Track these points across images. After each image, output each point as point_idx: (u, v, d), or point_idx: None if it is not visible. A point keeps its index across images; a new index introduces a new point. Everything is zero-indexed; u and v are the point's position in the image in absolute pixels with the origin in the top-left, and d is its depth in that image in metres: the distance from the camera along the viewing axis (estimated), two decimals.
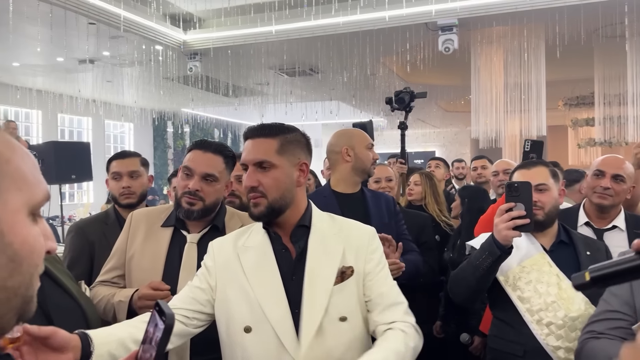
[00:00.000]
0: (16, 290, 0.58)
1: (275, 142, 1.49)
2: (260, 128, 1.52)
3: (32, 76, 10.70)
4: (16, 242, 0.58)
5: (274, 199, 1.47)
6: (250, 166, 1.48)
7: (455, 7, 7.31)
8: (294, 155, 1.51)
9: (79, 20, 7.15)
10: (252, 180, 1.47)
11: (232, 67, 9.43)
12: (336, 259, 1.48)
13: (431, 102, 13.53)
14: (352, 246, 1.52)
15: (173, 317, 0.81)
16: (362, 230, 1.57)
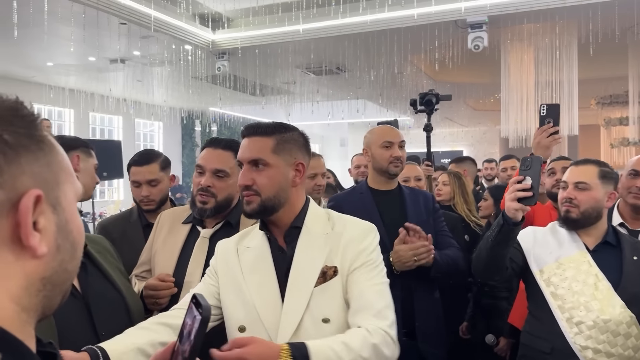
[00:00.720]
0: (71, 274, 0.65)
1: (271, 141, 1.47)
2: (256, 126, 1.51)
3: (65, 75, 10.94)
4: (74, 229, 0.64)
5: (267, 198, 1.45)
6: (245, 164, 1.47)
7: (485, 4, 7.21)
8: (290, 155, 1.49)
9: (110, 21, 7.29)
10: (246, 178, 1.46)
11: (259, 66, 9.48)
12: (320, 260, 1.45)
13: (459, 100, 13.37)
14: (341, 245, 1.48)
15: (209, 309, 0.81)
16: (357, 228, 1.52)
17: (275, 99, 13.07)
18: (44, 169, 0.60)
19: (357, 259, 1.46)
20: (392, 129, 2.53)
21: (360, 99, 12.60)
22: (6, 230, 0.57)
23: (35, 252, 0.58)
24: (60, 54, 9.32)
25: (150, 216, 2.39)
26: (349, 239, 1.48)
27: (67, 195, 0.63)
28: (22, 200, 0.57)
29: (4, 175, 0.56)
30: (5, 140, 0.57)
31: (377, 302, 1.41)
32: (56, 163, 0.62)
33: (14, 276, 0.58)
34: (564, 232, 2.05)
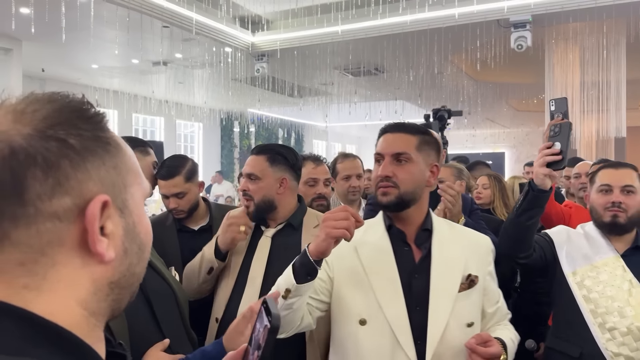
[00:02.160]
0: (139, 276, 0.65)
1: (415, 139, 1.54)
2: (401, 124, 1.58)
3: (109, 77, 11.23)
4: (142, 232, 0.64)
5: (405, 192, 1.50)
6: (387, 157, 1.52)
7: (529, 3, 7.03)
8: (429, 156, 1.56)
9: (153, 24, 7.44)
10: (387, 170, 1.50)
11: (297, 67, 9.52)
12: (460, 266, 1.52)
13: (501, 100, 13.10)
14: (474, 256, 1.56)
15: (279, 318, 0.80)
16: (481, 242, 1.62)
17: (313, 100, 13.10)
18: (111, 172, 0.59)
19: (488, 273, 1.59)
20: None
21: (399, 99, 12.49)
22: (74, 236, 0.56)
23: (102, 258, 0.57)
24: (104, 57, 9.58)
25: (184, 221, 2.44)
26: (478, 251, 1.59)
27: (134, 197, 0.63)
28: (88, 207, 0.56)
29: (70, 181, 0.55)
30: (70, 145, 0.56)
31: (506, 308, 1.65)
32: (123, 165, 0.61)
33: (82, 282, 0.58)
34: (597, 235, 2.01)
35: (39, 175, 0.54)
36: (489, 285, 1.57)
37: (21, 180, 0.53)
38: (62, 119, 0.57)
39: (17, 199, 0.53)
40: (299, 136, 18.70)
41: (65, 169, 0.55)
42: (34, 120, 0.56)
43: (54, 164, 0.54)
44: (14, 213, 0.54)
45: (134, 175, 0.63)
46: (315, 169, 2.49)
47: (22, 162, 0.53)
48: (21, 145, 0.54)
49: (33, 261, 0.55)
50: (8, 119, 0.56)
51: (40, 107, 0.57)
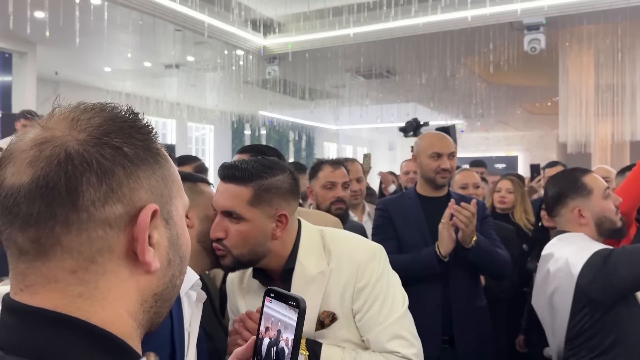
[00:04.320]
0: (178, 289, 0.65)
1: (248, 191, 1.30)
2: (232, 169, 1.32)
3: (121, 80, 11.32)
4: (184, 244, 0.65)
5: (240, 254, 1.32)
6: (218, 214, 1.32)
7: (543, 5, 6.97)
8: (271, 206, 1.32)
9: (166, 28, 7.48)
10: (218, 230, 1.31)
11: (309, 70, 9.52)
12: (315, 305, 1.34)
13: (515, 103, 13.01)
14: (340, 285, 1.35)
15: (304, 299, 0.80)
16: (353, 263, 1.36)
17: (324, 103, 13.10)
18: (160, 183, 0.60)
19: (359, 299, 1.34)
20: (443, 138, 2.45)
21: (411, 102, 12.45)
22: (122, 245, 0.56)
23: (149, 268, 0.58)
24: (117, 60, 9.65)
25: None
26: (345, 279, 1.35)
27: (177, 208, 0.63)
28: (140, 215, 0.56)
29: (123, 188, 0.56)
30: (125, 153, 0.56)
31: (398, 345, 1.33)
32: (170, 176, 0.62)
33: (131, 292, 0.58)
34: None
35: (93, 181, 0.54)
36: (360, 311, 1.35)
37: (76, 185, 0.53)
38: (115, 128, 0.57)
39: (71, 203, 0.53)
40: (309, 139, 18.71)
41: (119, 176, 0.55)
42: (89, 127, 0.56)
43: (108, 171, 0.55)
44: (67, 218, 0.53)
45: (178, 188, 0.64)
46: (333, 172, 2.49)
47: (77, 166, 0.54)
48: (77, 150, 0.54)
49: (84, 269, 0.55)
50: (63, 124, 0.56)
51: (94, 115, 0.58)
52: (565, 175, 1.93)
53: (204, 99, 12.87)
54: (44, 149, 0.54)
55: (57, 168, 0.53)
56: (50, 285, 0.55)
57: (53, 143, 0.54)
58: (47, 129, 0.56)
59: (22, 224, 0.54)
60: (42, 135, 0.55)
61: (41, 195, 0.53)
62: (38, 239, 0.54)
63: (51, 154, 0.54)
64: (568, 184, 1.88)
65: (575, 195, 1.85)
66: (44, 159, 0.54)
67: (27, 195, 0.53)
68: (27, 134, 0.57)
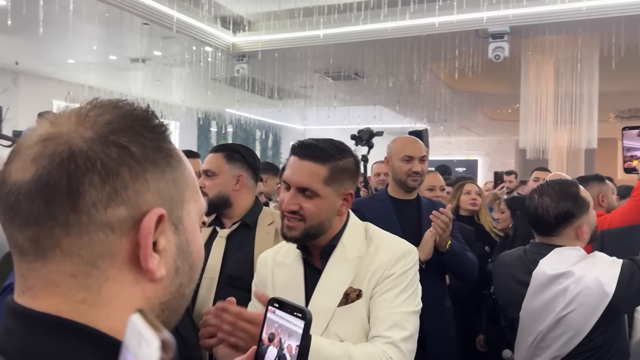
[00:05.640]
0: (188, 298, 0.62)
1: (325, 170, 1.38)
2: (311, 148, 1.40)
3: (85, 73, 11.04)
4: (195, 251, 0.61)
5: (312, 226, 1.40)
6: (292, 188, 1.40)
7: (508, 14, 7.17)
8: (342, 185, 1.42)
9: (133, 21, 7.35)
10: (292, 204, 1.39)
11: (278, 69, 9.52)
12: (346, 281, 1.40)
13: (477, 109, 13.31)
14: (371, 269, 1.42)
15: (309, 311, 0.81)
16: (389, 253, 1.44)
17: (292, 103, 13.10)
18: (170, 186, 0.57)
19: (382, 283, 1.40)
20: (415, 142, 2.51)
21: (377, 105, 12.58)
22: (125, 250, 0.53)
23: (153, 276, 0.55)
24: (81, 52, 9.42)
25: None
26: (378, 264, 1.42)
27: (190, 213, 0.60)
28: (144, 220, 0.53)
29: (128, 190, 0.53)
30: (131, 153, 0.54)
31: (395, 332, 1.35)
32: (183, 179, 0.59)
33: (136, 299, 0.55)
34: None
35: (96, 182, 0.51)
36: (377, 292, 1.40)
37: (77, 186, 0.51)
38: (125, 126, 0.55)
39: (72, 204, 0.51)
40: (276, 138, 18.65)
41: (124, 177, 0.52)
42: (97, 125, 0.54)
43: (113, 171, 0.52)
44: (67, 219, 0.51)
45: (192, 192, 0.61)
46: None
47: (80, 166, 0.51)
48: (81, 148, 0.52)
49: (85, 274, 0.53)
50: (71, 120, 0.55)
51: (105, 111, 0.56)
52: (565, 192, 1.87)
53: (169, 94, 12.68)
54: (48, 146, 0.52)
55: (59, 166, 0.51)
56: (51, 289, 0.52)
57: (58, 140, 0.52)
58: (55, 124, 0.54)
59: (21, 223, 0.52)
60: (48, 131, 0.53)
61: (41, 194, 0.51)
62: (37, 239, 0.52)
63: (54, 151, 0.52)
64: (572, 202, 1.85)
65: (580, 213, 1.84)
66: (47, 156, 0.52)
67: (28, 193, 0.51)
68: (36, 129, 0.55)
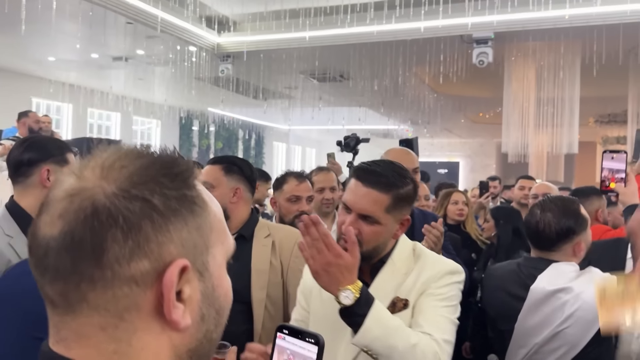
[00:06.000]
0: (215, 342, 0.61)
1: (387, 199, 1.42)
2: (375, 175, 1.43)
3: (65, 71, 10.88)
4: (221, 295, 0.61)
5: (367, 250, 1.42)
6: (353, 213, 1.43)
7: (492, 20, 7.25)
8: (401, 212, 1.46)
9: (117, 20, 7.26)
10: (351, 228, 1.39)
11: (263, 70, 9.49)
12: (391, 292, 1.45)
13: (460, 113, 13.46)
14: (419, 281, 1.45)
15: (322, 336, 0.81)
16: (436, 268, 1.48)
17: (277, 103, 13.08)
18: (193, 234, 0.56)
19: (427, 292, 1.44)
20: (408, 153, 2.52)
21: (362, 106, 12.64)
22: (151, 301, 0.54)
23: (177, 326, 0.55)
24: (63, 50, 9.28)
25: None
26: (426, 277, 1.45)
27: (216, 258, 0.59)
28: (166, 273, 0.53)
29: (151, 243, 0.53)
30: (154, 206, 0.54)
31: (437, 332, 1.36)
32: (207, 224, 0.58)
33: (164, 349, 0.55)
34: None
35: (119, 237, 0.52)
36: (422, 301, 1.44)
37: (101, 242, 0.52)
38: (148, 177, 0.55)
39: (96, 260, 0.52)
40: (259, 137, 18.59)
41: (147, 230, 0.53)
42: (120, 178, 0.54)
43: (135, 226, 0.52)
44: (92, 275, 0.52)
45: (218, 234, 0.60)
46: (298, 186, 2.50)
47: (103, 222, 0.52)
48: (104, 204, 0.52)
49: (113, 326, 0.53)
50: (96, 174, 0.55)
51: (129, 163, 0.56)
52: (567, 209, 1.91)
53: (152, 92, 12.56)
54: (74, 202, 0.53)
55: (83, 223, 0.52)
56: (83, 340, 0.54)
57: (82, 195, 0.53)
58: (81, 178, 0.55)
59: (51, 277, 0.53)
60: (74, 186, 0.54)
61: (67, 250, 0.52)
62: (65, 293, 0.53)
63: (79, 208, 0.52)
64: (574, 219, 1.88)
65: (580, 230, 1.88)
66: (72, 212, 0.53)
67: (56, 249, 0.52)
68: (64, 182, 0.56)
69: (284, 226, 2.15)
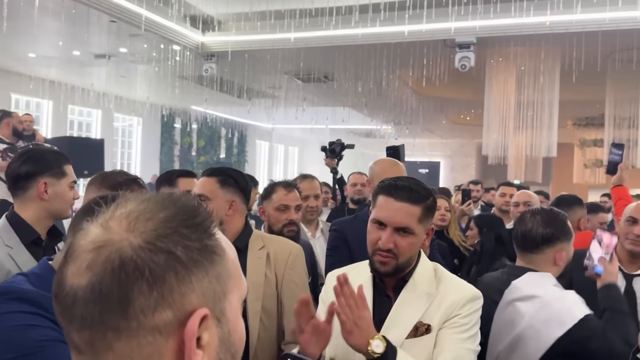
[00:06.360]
0: None
1: (419, 210, 1.51)
2: (406, 190, 1.52)
3: (46, 67, 10.73)
4: (237, 339, 0.63)
5: (403, 261, 1.51)
6: (389, 228, 1.50)
7: (475, 25, 7.35)
8: (428, 222, 1.56)
9: (100, 18, 7.19)
10: (389, 242, 1.49)
11: (247, 70, 9.48)
12: (416, 315, 1.49)
13: (441, 114, 13.60)
14: (442, 306, 1.50)
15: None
16: (459, 294, 1.53)
17: (261, 102, 13.06)
18: (213, 282, 0.59)
19: (450, 320, 1.49)
20: (395, 164, 2.56)
21: (346, 107, 12.69)
22: (173, 349, 0.56)
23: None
24: (44, 46, 9.15)
25: None
26: (449, 303, 1.50)
27: (232, 303, 0.62)
28: (188, 322, 0.56)
29: (174, 294, 0.55)
30: (177, 258, 0.56)
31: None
32: (225, 272, 0.61)
33: None
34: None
35: (144, 289, 0.54)
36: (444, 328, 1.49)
37: (127, 293, 0.54)
38: (172, 230, 0.57)
39: (122, 312, 0.54)
40: (242, 136, 18.54)
41: (171, 282, 0.55)
42: (146, 231, 0.57)
43: (159, 278, 0.55)
44: (118, 325, 0.54)
45: (234, 280, 0.63)
46: (286, 195, 2.51)
47: (130, 274, 0.54)
48: (131, 257, 0.55)
49: None
50: (122, 226, 0.57)
51: (153, 215, 0.58)
52: (555, 217, 2.00)
53: (133, 90, 12.45)
54: (102, 253, 0.55)
55: (111, 275, 0.54)
56: None
57: (110, 248, 0.55)
58: (107, 229, 0.57)
59: (78, 326, 0.55)
60: (101, 238, 0.57)
61: (95, 301, 0.54)
62: (92, 341, 0.55)
63: (106, 260, 0.55)
64: (560, 227, 1.96)
65: (564, 238, 1.95)
66: (100, 265, 0.55)
67: (83, 299, 0.55)
68: (90, 232, 0.58)
69: (278, 238, 2.16)
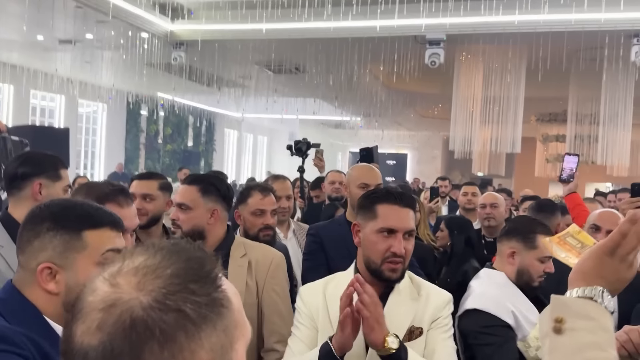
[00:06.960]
0: None
1: (415, 214, 1.71)
2: (408, 197, 1.65)
3: (7, 51, 10.38)
4: None
5: (407, 264, 1.62)
6: (400, 233, 1.57)
7: (445, 23, 7.45)
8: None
9: (66, 4, 6.99)
10: (401, 248, 1.55)
11: (217, 60, 9.37)
12: (407, 320, 1.57)
13: (410, 107, 13.75)
14: (428, 310, 1.60)
15: None
16: (440, 298, 1.65)
17: (230, 92, 12.94)
18: (221, 336, 0.58)
19: (436, 321, 1.61)
20: (371, 170, 2.59)
21: (316, 99, 12.70)
22: None
23: None
24: (5, 30, 8.85)
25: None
26: (435, 306, 1.62)
27: (238, 352, 0.62)
28: None
29: (184, 352, 0.55)
30: (187, 315, 0.56)
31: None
32: (232, 323, 0.61)
33: None
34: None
35: (155, 350, 0.54)
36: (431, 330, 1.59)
37: (139, 354, 0.54)
38: (180, 287, 0.57)
39: None
40: (210, 124, 18.32)
41: (181, 341, 0.55)
42: (155, 290, 0.57)
43: (170, 337, 0.54)
44: None
45: (240, 329, 0.62)
46: (262, 199, 2.50)
47: (141, 334, 0.54)
48: (142, 317, 0.55)
49: None
50: (132, 284, 0.57)
51: (161, 272, 0.58)
52: (528, 222, 2.16)
53: (99, 76, 12.15)
54: (112, 313, 0.55)
55: (122, 335, 0.54)
56: None
57: (120, 307, 0.55)
58: (115, 287, 0.57)
59: None
60: (110, 297, 0.57)
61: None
62: None
63: (118, 320, 0.55)
64: (523, 231, 2.07)
65: (521, 241, 2.05)
66: (111, 325, 0.55)
67: (94, 359, 0.54)
68: (98, 289, 0.58)
69: (260, 245, 2.16)
